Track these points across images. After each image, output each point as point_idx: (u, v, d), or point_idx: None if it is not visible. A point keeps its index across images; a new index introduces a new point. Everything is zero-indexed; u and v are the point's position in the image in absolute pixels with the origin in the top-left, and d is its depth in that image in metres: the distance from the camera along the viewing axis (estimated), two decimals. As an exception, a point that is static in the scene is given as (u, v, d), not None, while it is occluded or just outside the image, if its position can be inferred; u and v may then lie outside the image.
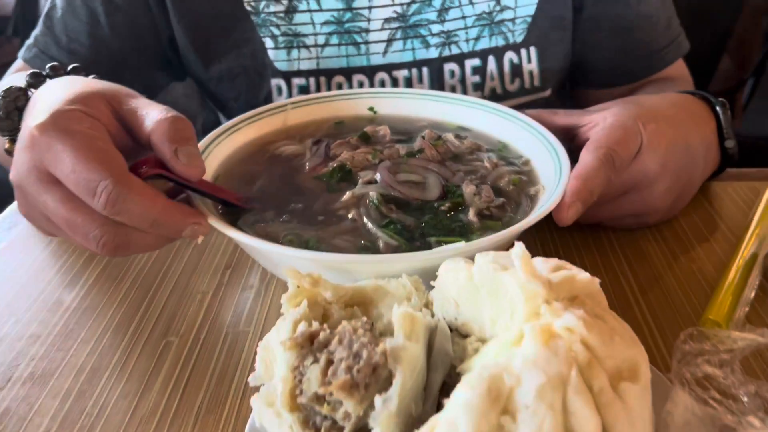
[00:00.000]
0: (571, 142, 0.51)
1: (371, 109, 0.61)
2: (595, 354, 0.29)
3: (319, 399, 0.32)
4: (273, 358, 0.35)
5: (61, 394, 0.40)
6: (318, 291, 0.37)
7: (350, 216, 0.45)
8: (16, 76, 0.61)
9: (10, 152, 0.47)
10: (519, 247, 0.32)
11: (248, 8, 0.69)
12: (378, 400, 0.30)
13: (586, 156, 0.45)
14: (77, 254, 0.53)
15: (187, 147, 0.41)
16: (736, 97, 2.12)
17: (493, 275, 0.33)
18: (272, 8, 0.69)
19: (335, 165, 0.51)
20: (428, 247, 0.42)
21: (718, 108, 0.56)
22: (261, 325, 0.45)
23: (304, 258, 0.39)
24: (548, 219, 0.43)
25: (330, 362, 0.32)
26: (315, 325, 0.34)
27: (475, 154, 0.54)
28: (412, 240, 0.43)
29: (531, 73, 0.75)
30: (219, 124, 0.61)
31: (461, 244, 0.39)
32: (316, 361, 0.33)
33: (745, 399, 0.34)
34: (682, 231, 0.54)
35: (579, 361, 0.28)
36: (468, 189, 0.47)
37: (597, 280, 0.33)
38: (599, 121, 0.49)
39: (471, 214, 0.45)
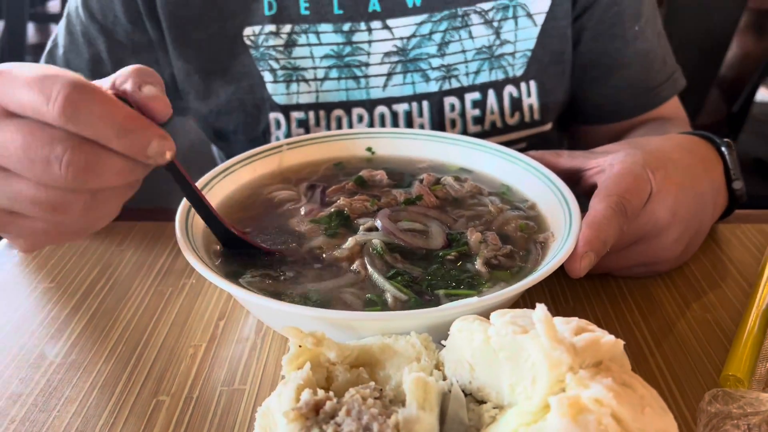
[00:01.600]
0: (576, 185, 0.50)
1: (369, 149, 0.60)
2: (627, 428, 0.27)
3: (324, 476, 0.30)
4: (274, 425, 0.33)
5: (42, 462, 0.37)
6: (321, 351, 0.35)
7: (353, 267, 0.43)
8: None
9: None
10: (541, 309, 0.30)
11: (247, 42, 0.68)
12: (390, 480, 0.28)
13: (597, 204, 0.44)
14: (61, 304, 0.50)
15: (149, 86, 0.38)
16: (724, 129, 2.14)
17: (512, 338, 0.31)
18: (271, 42, 0.68)
19: (333, 210, 0.50)
20: (438, 300, 0.40)
21: (723, 149, 0.55)
22: (258, 383, 0.43)
23: (307, 315, 0.37)
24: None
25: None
26: (320, 392, 0.32)
27: (476, 197, 0.53)
28: (421, 293, 0.41)
29: (531, 106, 0.74)
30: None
31: (474, 300, 0.37)
32: (320, 430, 0.30)
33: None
34: (693, 277, 0.52)
35: (610, 435, 0.26)
36: (473, 237, 0.45)
37: (621, 343, 0.32)
38: (606, 167, 0.48)
39: (479, 264, 0.43)
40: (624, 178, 0.46)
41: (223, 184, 0.52)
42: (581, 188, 0.49)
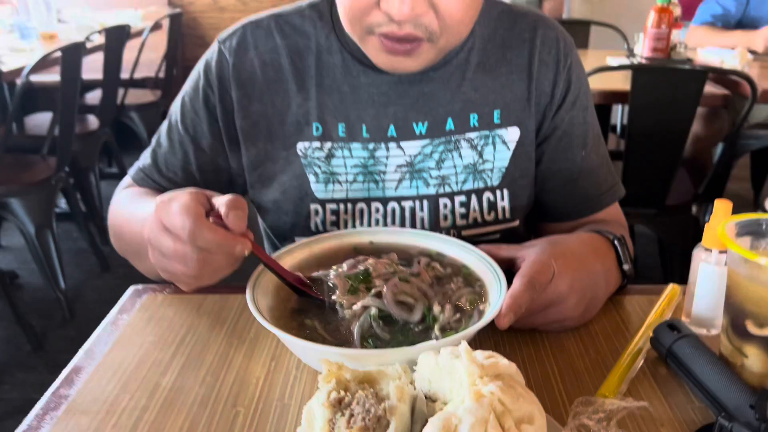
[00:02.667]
0: (512, 268, 0.74)
1: (371, 242, 0.84)
2: (506, 407, 0.51)
3: (346, 438, 0.53)
4: (313, 416, 0.56)
5: (169, 445, 0.61)
6: (342, 373, 0.59)
7: (353, 327, 0.68)
8: (133, 191, 0.96)
9: None
10: (464, 344, 0.54)
11: (299, 153, 0.92)
12: (381, 437, 0.51)
13: (516, 282, 0.68)
14: (166, 348, 0.74)
15: (234, 211, 0.66)
16: (692, 208, 2.37)
17: (450, 362, 0.55)
18: (316, 154, 0.92)
19: (362, 268, 0.73)
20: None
21: (615, 242, 0.80)
22: (299, 399, 0.66)
23: (334, 353, 0.61)
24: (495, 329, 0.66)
25: (351, 415, 0.53)
26: (342, 393, 0.55)
27: (452, 278, 0.76)
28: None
29: (503, 208, 0.95)
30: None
31: (434, 342, 0.61)
32: (342, 415, 0.54)
33: (606, 438, 0.55)
34: (594, 332, 0.76)
35: (496, 410, 0.50)
36: (436, 309, 0.70)
37: (514, 365, 0.55)
38: (526, 257, 0.73)
39: (436, 329, 0.67)
40: (535, 264, 0.70)
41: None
42: (514, 270, 0.73)
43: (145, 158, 0.99)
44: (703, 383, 0.63)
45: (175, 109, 0.97)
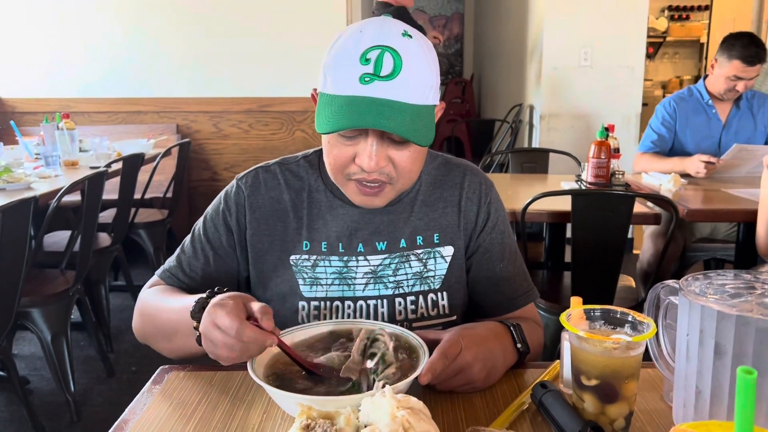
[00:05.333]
0: (435, 346, 1.05)
1: (334, 330, 1.15)
2: (412, 425, 0.80)
3: (311, 450, 0.82)
4: (291, 440, 0.85)
5: (192, 466, 0.89)
6: (310, 412, 0.88)
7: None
8: (160, 288, 1.23)
9: (197, 328, 1.02)
10: (387, 388, 0.85)
11: (291, 263, 1.24)
12: (333, 446, 0.81)
13: (434, 354, 0.99)
14: (188, 407, 1.03)
15: (266, 316, 0.95)
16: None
17: (380, 400, 0.85)
18: (305, 264, 1.23)
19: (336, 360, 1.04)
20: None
21: (511, 328, 1.12)
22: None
23: (304, 399, 0.91)
24: (429, 390, 0.96)
25: (315, 435, 0.83)
26: (309, 421, 0.84)
27: (399, 351, 1.06)
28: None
29: (444, 306, 1.25)
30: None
31: (373, 391, 0.91)
32: (309, 435, 0.83)
33: (481, 450, 0.84)
34: (497, 393, 1.05)
35: (404, 426, 0.79)
36: (391, 370, 0.99)
37: (421, 402, 0.85)
38: (444, 338, 1.04)
39: (377, 387, 0.97)
40: (447, 341, 1.01)
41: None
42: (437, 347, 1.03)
43: (170, 262, 1.30)
44: (558, 421, 0.92)
45: (199, 224, 1.31)
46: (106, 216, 3.78)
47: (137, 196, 3.75)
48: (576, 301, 1.00)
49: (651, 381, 1.07)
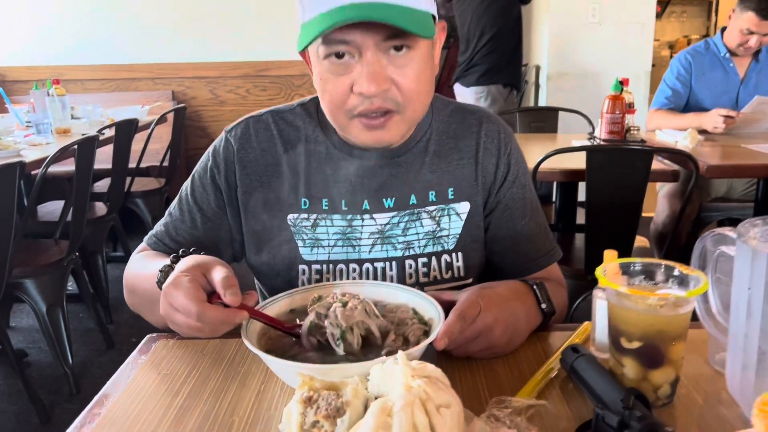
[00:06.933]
0: (451, 308, 0.94)
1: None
2: (429, 396, 0.69)
3: (313, 425, 0.71)
4: (290, 413, 0.74)
5: (180, 444, 0.79)
6: (313, 383, 0.77)
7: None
8: (146, 254, 1.14)
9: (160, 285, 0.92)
10: (400, 353, 0.74)
11: (289, 223, 1.12)
12: (339, 421, 0.70)
13: (450, 315, 0.88)
14: (176, 379, 0.92)
15: (229, 290, 0.84)
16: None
17: (391, 367, 0.74)
18: (304, 223, 1.12)
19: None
20: (368, 362, 0.83)
21: (534, 287, 1.01)
22: (280, 410, 0.84)
23: (306, 368, 0.80)
24: (445, 356, 0.85)
25: (318, 408, 0.72)
26: (311, 393, 0.74)
27: (409, 320, 0.95)
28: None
29: (458, 268, 1.14)
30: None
31: (383, 358, 0.80)
32: (311, 408, 0.72)
33: (507, 422, 0.73)
34: (519, 359, 0.94)
35: (421, 397, 0.68)
36: (390, 338, 0.89)
37: (439, 369, 0.74)
38: (461, 298, 0.93)
39: (383, 352, 0.86)
40: (465, 302, 0.90)
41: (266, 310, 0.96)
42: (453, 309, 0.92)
43: (158, 226, 1.20)
44: (593, 389, 0.81)
45: (186, 185, 1.19)
46: (102, 186, 3.67)
47: (133, 165, 3.63)
48: (610, 255, 0.88)
49: (692, 343, 0.95)
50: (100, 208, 3.38)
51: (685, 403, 0.82)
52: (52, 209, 3.36)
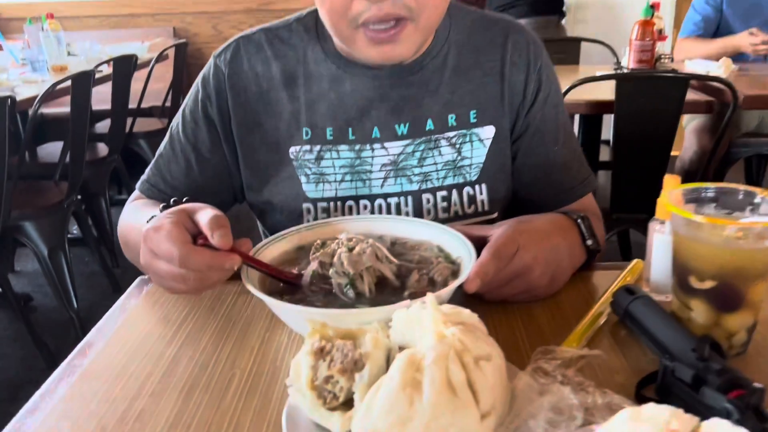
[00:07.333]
0: (483, 245, 0.81)
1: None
2: (466, 346, 0.57)
3: (326, 381, 0.59)
4: (299, 366, 0.63)
5: (173, 401, 0.67)
6: (326, 331, 0.65)
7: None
8: (138, 203, 1.03)
9: None
10: (430, 296, 0.61)
11: (291, 157, 0.99)
12: (357, 376, 0.58)
13: (483, 252, 0.75)
14: (170, 326, 0.81)
15: (218, 231, 0.72)
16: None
17: (418, 313, 0.62)
18: (307, 156, 0.99)
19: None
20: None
21: (578, 221, 0.87)
22: (289, 362, 0.73)
23: (317, 313, 0.68)
24: (476, 301, 0.73)
25: (332, 360, 0.60)
26: (324, 343, 0.62)
27: (434, 259, 0.82)
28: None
29: (482, 201, 1.02)
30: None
31: (408, 302, 0.68)
32: (324, 361, 0.60)
33: (559, 378, 0.61)
34: (561, 302, 0.82)
35: (456, 348, 0.56)
36: (413, 278, 0.77)
37: (476, 315, 0.62)
38: (494, 233, 0.80)
39: (405, 294, 0.74)
40: (500, 239, 0.77)
41: (269, 250, 0.84)
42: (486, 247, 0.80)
43: (150, 171, 1.06)
44: (655, 336, 0.69)
45: (176, 122, 1.05)
46: (103, 126, 3.53)
47: (134, 105, 3.48)
48: (672, 180, 0.75)
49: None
50: (102, 149, 3.25)
51: (762, 352, 0.70)
52: (52, 150, 3.24)
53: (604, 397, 0.59)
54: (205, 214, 0.74)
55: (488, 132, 1.02)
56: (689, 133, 3.04)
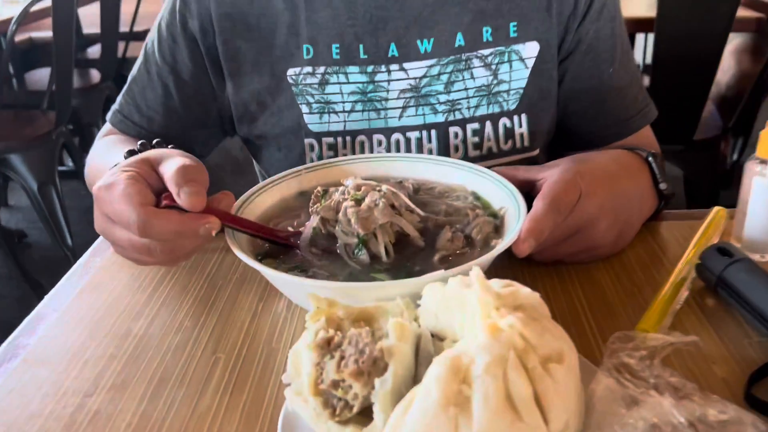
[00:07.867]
0: (531, 191, 0.64)
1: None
2: (530, 343, 0.41)
3: (335, 385, 0.44)
4: (300, 360, 0.47)
5: (137, 398, 0.52)
6: (334, 311, 0.49)
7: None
8: (108, 141, 0.88)
9: None
10: (476, 270, 0.45)
11: (290, 81, 0.83)
12: (377, 382, 0.42)
13: (537, 204, 0.58)
14: (140, 292, 0.66)
15: (186, 186, 0.56)
16: (720, 144, 2.25)
17: (459, 292, 0.45)
18: (308, 81, 0.83)
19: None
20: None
21: (650, 159, 0.69)
22: (288, 343, 0.57)
23: (323, 287, 0.52)
24: (516, 260, 0.57)
25: (342, 357, 0.44)
26: (331, 332, 0.46)
27: (468, 210, 0.66)
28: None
29: (522, 135, 0.87)
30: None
31: (441, 272, 0.52)
32: (332, 357, 0.45)
33: (652, 380, 0.45)
34: (629, 262, 0.66)
35: (516, 347, 0.40)
36: (445, 236, 0.60)
37: (537, 294, 0.45)
38: (548, 177, 0.62)
39: (436, 258, 0.58)
40: (558, 185, 0.60)
41: (260, 199, 0.67)
42: (534, 194, 0.63)
43: (122, 98, 0.89)
44: (764, 313, 0.53)
45: (150, 39, 0.88)
46: (96, 51, 3.31)
47: (126, 28, 3.24)
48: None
49: None
50: (94, 75, 3.05)
51: None
52: (41, 77, 3.04)
53: (714, 405, 0.43)
54: (170, 165, 0.58)
55: (531, 50, 0.84)
56: (728, 54, 2.79)
